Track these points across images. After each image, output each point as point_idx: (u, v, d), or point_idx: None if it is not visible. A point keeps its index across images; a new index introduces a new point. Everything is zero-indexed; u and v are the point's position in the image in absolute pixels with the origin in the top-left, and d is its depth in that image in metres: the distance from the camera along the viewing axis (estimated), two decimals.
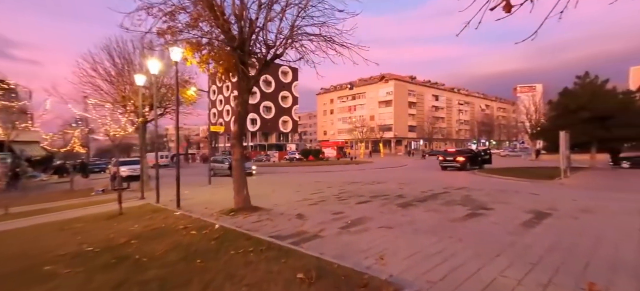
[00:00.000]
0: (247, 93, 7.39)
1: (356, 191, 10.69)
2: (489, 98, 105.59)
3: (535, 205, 7.34)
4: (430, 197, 9.00)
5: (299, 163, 33.73)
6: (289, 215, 6.91)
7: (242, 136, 7.63)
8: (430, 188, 10.87)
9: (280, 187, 12.88)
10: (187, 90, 13.85)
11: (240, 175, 7.36)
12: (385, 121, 71.30)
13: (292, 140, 78.86)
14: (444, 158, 21.61)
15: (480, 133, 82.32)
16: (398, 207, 7.61)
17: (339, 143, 63.16)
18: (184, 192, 12.51)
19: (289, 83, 77.92)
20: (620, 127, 15.37)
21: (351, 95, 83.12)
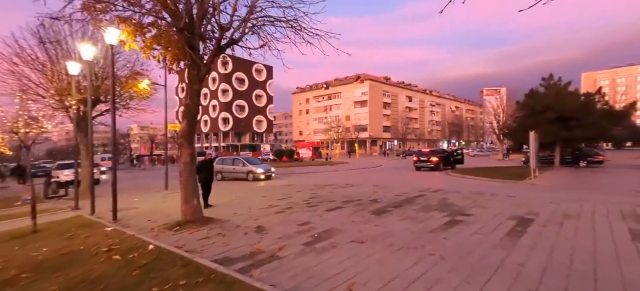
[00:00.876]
0: (198, 83, 6.26)
1: (328, 195, 9.84)
2: (459, 100, 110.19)
3: (514, 209, 6.89)
4: (405, 201, 8.36)
5: (271, 165, 32.39)
6: (247, 228, 5.89)
7: (193, 134, 6.48)
8: (405, 191, 10.29)
9: (246, 192, 11.74)
10: (138, 83, 12.25)
11: (190, 181, 6.21)
12: (360, 121, 71.64)
13: (267, 140, 76.90)
14: (418, 158, 21.48)
15: (450, 134, 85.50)
16: (372, 214, 6.84)
17: (315, 144, 62.28)
18: (134, 199, 11.03)
19: (263, 81, 75.94)
20: (582, 128, 15.93)
21: (327, 94, 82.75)
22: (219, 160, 18.34)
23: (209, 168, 8.75)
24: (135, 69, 12.47)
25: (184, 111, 6.46)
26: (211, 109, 71.21)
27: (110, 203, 8.94)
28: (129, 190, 15.26)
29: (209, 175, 8.64)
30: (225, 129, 69.44)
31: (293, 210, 7.62)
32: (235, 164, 17.60)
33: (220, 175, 17.03)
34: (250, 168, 16.87)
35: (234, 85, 69.91)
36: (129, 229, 6.20)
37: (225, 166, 17.80)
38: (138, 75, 12.42)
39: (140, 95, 12.71)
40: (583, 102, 16.55)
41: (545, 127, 16.91)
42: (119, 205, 9.65)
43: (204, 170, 8.44)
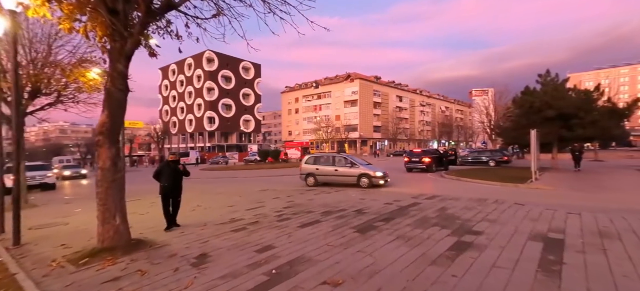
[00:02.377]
0: (123, 61, 4.65)
1: (306, 204, 8.33)
2: (448, 101, 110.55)
3: (532, 224, 5.55)
4: (397, 212, 6.93)
5: (255, 166, 30.72)
6: (184, 258, 4.32)
7: (117, 130, 4.87)
8: (396, 197, 8.87)
9: (214, 200, 10.11)
10: (87, 72, 10.43)
11: (110, 194, 4.60)
12: (350, 121, 70.43)
13: (255, 140, 74.91)
14: (409, 159, 20.24)
15: (441, 134, 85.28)
16: (355, 231, 5.37)
17: (304, 144, 60.70)
18: (76, 210, 9.29)
19: (251, 80, 73.99)
20: (583, 127, 14.95)
21: (317, 94, 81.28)
22: (312, 159, 13.96)
23: (173, 173, 6.15)
24: (84, 56, 10.63)
25: (104, 98, 4.84)
26: (196, 108, 68.76)
27: (47, 215, 7.24)
28: (83, 197, 13.41)
29: (172, 183, 6.11)
30: (211, 129, 67.12)
31: (258, 225, 6.08)
32: (338, 164, 12.82)
33: (312, 179, 12.97)
34: (362, 170, 12.20)
35: (220, 83, 67.68)
36: (25, 259, 4.56)
37: (321, 167, 13.14)
38: (86, 63, 10.61)
39: (90, 87, 10.86)
40: (584, 99, 15.58)
41: (542, 125, 15.87)
42: (51, 218, 7.96)
43: (166, 177, 6.10)
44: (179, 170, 6.28)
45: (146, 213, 8.10)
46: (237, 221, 6.50)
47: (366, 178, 11.91)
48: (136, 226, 6.32)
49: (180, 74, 72.58)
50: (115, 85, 4.66)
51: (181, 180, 6.37)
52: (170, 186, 6.12)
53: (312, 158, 14.08)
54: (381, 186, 11.82)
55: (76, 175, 24.47)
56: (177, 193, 6.29)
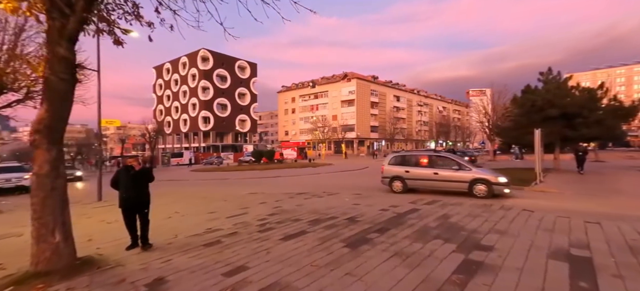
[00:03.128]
0: (65, 44, 3.86)
1: (294, 210, 7.56)
2: (446, 101, 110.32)
3: (548, 237, 4.83)
4: (393, 220, 6.19)
5: (249, 167, 29.89)
6: (135, 285, 3.53)
7: (59, 127, 4.07)
8: (393, 203, 8.12)
9: (195, 205, 9.32)
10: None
11: (47, 206, 3.80)
12: (347, 121, 69.75)
13: (251, 140, 73.98)
14: None
15: (438, 134, 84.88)
16: (345, 246, 4.62)
17: (300, 144, 59.90)
18: None
19: (247, 79, 73.02)
20: (588, 126, 14.33)
21: (313, 93, 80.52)
22: (398, 158, 11.26)
23: (133, 180, 4.76)
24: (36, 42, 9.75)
25: (43, 89, 4.05)
26: (191, 107, 67.66)
27: (7, 223, 6.39)
28: None
29: (134, 193, 4.76)
30: (206, 129, 66.05)
31: (235, 237, 5.30)
32: (439, 166, 10.02)
33: (400, 183, 10.27)
34: (478, 174, 9.22)
35: (216, 82, 66.65)
36: None
37: (413, 169, 10.33)
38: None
39: None
40: (588, 97, 14.96)
41: (544, 125, 15.22)
42: (7, 228, 7.14)
43: (125, 185, 4.76)
44: (141, 175, 4.87)
45: (115, 221, 7.28)
46: (212, 233, 5.72)
47: (484, 184, 8.85)
48: (97, 239, 5.54)
49: (174, 73, 71.44)
50: (55, 73, 3.86)
51: (146, 187, 4.99)
52: (132, 197, 4.76)
53: (398, 158, 11.36)
54: (505, 196, 8.85)
55: (70, 178, 23.23)
56: (143, 205, 4.92)
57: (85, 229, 6.41)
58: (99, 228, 6.66)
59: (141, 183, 4.92)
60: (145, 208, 4.99)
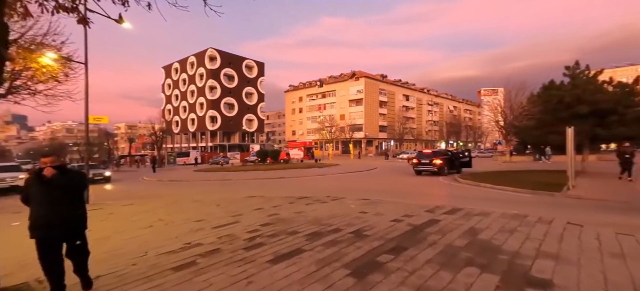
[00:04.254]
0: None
1: (291, 220, 6.52)
2: (456, 100, 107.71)
3: (623, 266, 3.65)
4: (409, 234, 5.08)
5: (253, 167, 29.06)
6: None
7: None
8: (407, 211, 6.99)
9: (183, 211, 8.40)
10: (38, 57, 8.81)
11: None
12: (355, 120, 68.43)
13: (258, 140, 73.46)
14: (418, 161, 18.30)
15: (448, 134, 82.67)
16: (348, 274, 3.55)
17: (307, 144, 58.93)
18: (13, 223, 7.68)
19: (254, 78, 72.54)
20: (624, 124, 12.84)
21: (321, 93, 79.48)
22: None
23: (49, 193, 3.01)
24: (28, 34, 8.96)
25: None
26: (198, 107, 67.57)
27: None
28: None
29: (52, 213, 3.01)
30: (213, 128, 65.82)
31: (214, 258, 4.29)
32: None
33: None
34: None
35: (223, 81, 66.39)
36: None
37: None
38: (40, 46, 8.98)
39: (42, 74, 9.24)
40: (624, 92, 13.46)
41: (572, 123, 13.75)
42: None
43: (39, 201, 3.06)
44: (62, 186, 3.07)
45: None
46: (189, 249, 4.73)
47: None
48: None
49: (182, 73, 71.54)
50: None
51: (75, 204, 3.25)
52: (50, 222, 3.00)
53: None
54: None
55: (98, 178, 20.21)
56: (70, 233, 3.19)
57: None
58: None
59: (64, 199, 3.11)
60: (76, 238, 3.24)
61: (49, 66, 9.09)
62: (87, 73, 10.39)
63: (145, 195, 13.58)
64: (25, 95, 9.99)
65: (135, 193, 14.43)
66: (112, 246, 5.11)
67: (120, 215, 8.12)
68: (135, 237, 5.61)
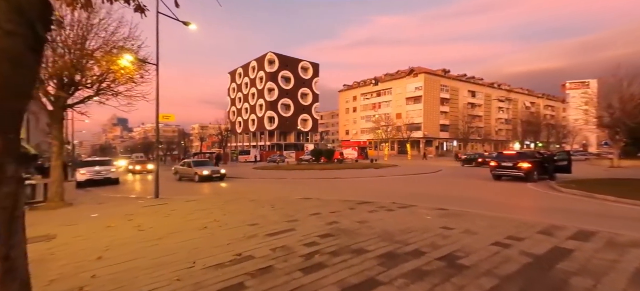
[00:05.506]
0: None
1: (356, 232, 5.43)
2: (534, 95, 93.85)
3: None
4: (533, 270, 3.55)
5: (307, 166, 28.79)
6: None
7: (7, 107, 2.73)
8: (508, 230, 5.30)
9: (238, 212, 7.99)
10: (117, 59, 9.39)
11: None
12: (413, 119, 64.23)
13: (312, 139, 74.40)
14: (497, 163, 15.54)
15: (524, 134, 72.08)
16: None
17: (361, 143, 57.34)
18: (92, 215, 8.16)
19: (309, 79, 73.68)
20: None
21: (376, 91, 76.80)
22: None
23: None
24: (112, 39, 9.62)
25: None
26: (258, 108, 71.21)
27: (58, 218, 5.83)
28: (124, 195, 12.91)
29: None
30: (270, 128, 68.70)
31: (265, 281, 3.46)
32: None
33: None
34: None
35: (280, 83, 68.83)
36: None
37: None
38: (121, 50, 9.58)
39: (122, 76, 9.86)
40: None
41: None
42: (51, 226, 6.74)
43: None
44: None
45: (150, 228, 6.28)
46: (240, 263, 4.01)
47: None
48: (110, 258, 4.34)
49: (245, 77, 76.29)
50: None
51: None
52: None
53: None
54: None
55: (216, 176, 18.57)
56: None
57: (102, 240, 5.44)
58: (126, 238, 5.63)
59: None
60: None
61: (127, 68, 9.67)
62: (158, 73, 10.92)
63: (207, 191, 13.99)
64: (109, 95, 10.93)
65: (199, 189, 15.01)
66: (163, 250, 4.71)
67: (181, 212, 8.07)
68: (187, 241, 5.18)
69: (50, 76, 9.66)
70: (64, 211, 9.09)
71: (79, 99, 10.92)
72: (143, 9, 4.30)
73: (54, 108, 9.99)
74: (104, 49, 9.74)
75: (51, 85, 10.00)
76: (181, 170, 20.04)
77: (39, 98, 9.74)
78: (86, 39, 9.73)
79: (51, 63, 9.37)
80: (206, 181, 17.89)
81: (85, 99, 10.94)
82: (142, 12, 4.25)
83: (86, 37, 9.72)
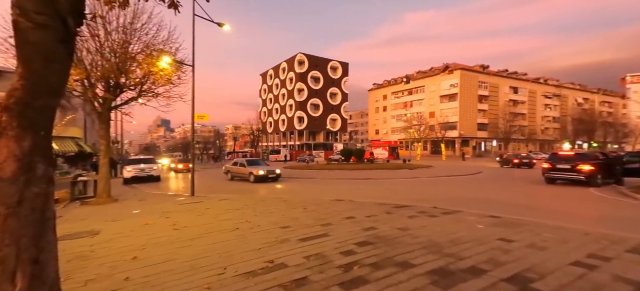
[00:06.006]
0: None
1: (397, 240, 4.89)
2: (588, 90, 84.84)
3: None
4: None
5: (337, 166, 28.32)
6: None
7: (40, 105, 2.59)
8: (587, 247, 4.43)
9: (269, 213, 7.77)
10: (156, 61, 9.67)
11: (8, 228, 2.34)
12: (448, 118, 60.98)
13: (341, 139, 73.77)
14: (551, 165, 13.93)
15: (575, 133, 65.30)
16: None
17: (392, 143, 55.61)
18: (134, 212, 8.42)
19: (338, 79, 73.10)
20: None
21: (407, 89, 74.19)
22: None
23: None
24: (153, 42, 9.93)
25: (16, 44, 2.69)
26: (288, 108, 72.11)
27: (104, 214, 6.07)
28: (163, 192, 13.37)
29: None
30: (300, 128, 69.19)
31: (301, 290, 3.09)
32: None
33: None
34: None
35: (309, 83, 69.07)
36: None
37: None
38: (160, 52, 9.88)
39: (160, 78, 10.17)
40: None
41: None
42: (94, 222, 7.00)
43: None
44: None
45: (184, 227, 6.24)
46: (271, 273, 3.68)
47: None
48: (145, 258, 4.27)
49: (275, 78, 77.72)
50: (25, 13, 2.40)
51: None
52: None
53: None
54: None
55: (272, 177, 17.05)
56: None
57: (139, 238, 5.45)
58: (161, 237, 5.60)
59: None
60: None
61: (166, 69, 9.96)
62: (194, 74, 11.15)
63: (239, 189, 14.07)
64: (150, 97, 11.38)
65: (233, 187, 15.19)
66: (196, 252, 4.55)
67: (215, 210, 8.05)
68: (219, 243, 5.00)
69: (97, 79, 10.22)
70: (110, 207, 9.52)
71: (124, 101, 11.49)
72: (177, 5, 4.17)
73: (102, 109, 10.55)
74: (145, 52, 10.11)
75: (99, 88, 10.59)
76: (234, 170, 18.80)
77: (90, 101, 10.34)
78: (130, 43, 10.15)
79: (100, 67, 9.87)
80: (262, 182, 16.40)
81: (129, 101, 11.48)
82: (175, 8, 4.13)
83: (130, 42, 10.14)
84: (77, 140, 25.98)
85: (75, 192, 11.41)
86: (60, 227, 6.76)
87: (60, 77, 2.63)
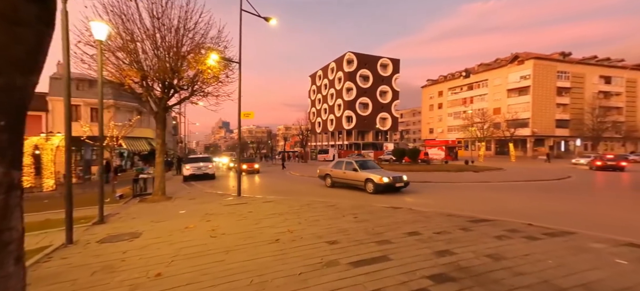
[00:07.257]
0: None
1: (489, 270, 3.45)
2: None
3: None
4: None
5: (389, 166, 26.32)
6: None
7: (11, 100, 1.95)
8: None
9: (315, 222, 6.80)
10: (205, 59, 9.51)
11: None
12: (518, 114, 53.59)
13: (391, 138, 70.46)
14: None
15: None
16: None
17: (450, 142, 50.69)
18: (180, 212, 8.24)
19: (388, 76, 69.94)
20: None
21: (467, 84, 67.54)
22: None
23: None
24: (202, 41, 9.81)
25: None
26: (336, 108, 71.41)
27: (155, 214, 6.04)
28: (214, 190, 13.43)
29: None
30: (348, 127, 67.91)
31: None
32: None
33: None
34: None
35: (358, 82, 67.36)
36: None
37: None
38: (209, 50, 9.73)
39: (207, 75, 10.02)
40: None
41: None
42: (142, 223, 6.85)
43: None
44: None
45: (223, 234, 5.61)
46: None
47: None
48: (170, 274, 3.61)
49: (324, 78, 77.79)
50: None
51: None
52: None
53: None
54: None
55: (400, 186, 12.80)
56: None
57: (174, 246, 4.90)
58: (196, 246, 5.01)
59: None
60: None
61: (214, 67, 9.78)
62: (240, 71, 10.84)
63: (285, 189, 13.49)
64: (200, 96, 11.44)
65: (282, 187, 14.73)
66: (225, 271, 3.77)
67: (256, 215, 7.40)
68: (253, 261, 4.16)
69: (153, 80, 10.49)
70: (161, 205, 9.62)
71: (177, 101, 11.73)
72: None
73: (158, 109, 10.82)
74: (195, 51, 10.06)
75: (156, 89, 10.89)
76: (337, 175, 13.79)
77: (148, 101, 10.70)
78: (182, 43, 10.19)
79: (156, 68, 10.07)
80: (385, 192, 11.64)
81: (182, 100, 11.68)
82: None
83: (182, 41, 10.18)
84: (149, 140, 28.54)
85: (136, 189, 12.00)
86: (111, 226, 6.67)
87: (30, 48, 1.91)
